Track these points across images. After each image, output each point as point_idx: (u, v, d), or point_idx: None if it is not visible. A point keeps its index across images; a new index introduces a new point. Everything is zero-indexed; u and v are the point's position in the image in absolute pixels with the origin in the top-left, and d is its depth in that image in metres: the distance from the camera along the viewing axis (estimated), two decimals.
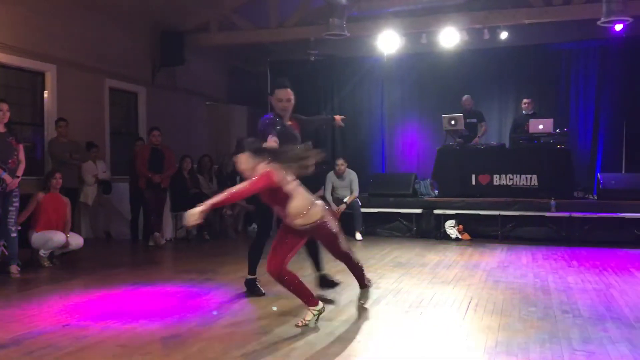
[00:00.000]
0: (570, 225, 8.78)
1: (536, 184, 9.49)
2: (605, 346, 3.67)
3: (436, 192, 10.14)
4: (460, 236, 9.13)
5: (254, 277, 5.21)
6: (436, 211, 9.40)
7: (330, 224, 4.24)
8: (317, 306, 4.17)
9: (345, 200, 9.33)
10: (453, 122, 10.14)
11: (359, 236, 9.26)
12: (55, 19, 9.13)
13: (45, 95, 9.15)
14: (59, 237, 6.90)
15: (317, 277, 5.14)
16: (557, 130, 9.69)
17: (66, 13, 9.35)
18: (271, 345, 3.71)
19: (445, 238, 9.18)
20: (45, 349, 3.65)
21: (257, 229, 5.43)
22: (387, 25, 10.80)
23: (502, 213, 9.08)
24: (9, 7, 8.41)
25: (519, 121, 10.52)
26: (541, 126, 9.67)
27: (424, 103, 12.20)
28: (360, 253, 7.78)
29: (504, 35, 10.57)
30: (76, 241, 7.22)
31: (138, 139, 10.29)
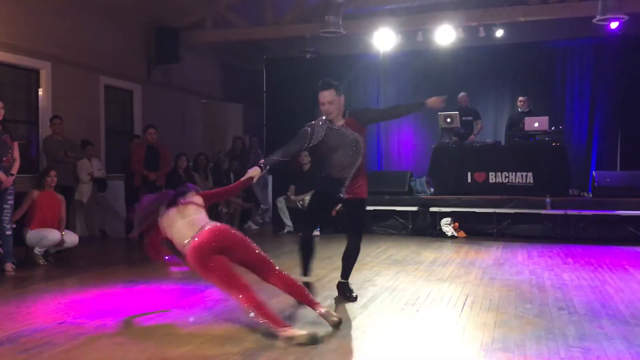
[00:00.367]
0: (565, 222, 8.80)
1: (531, 181, 9.50)
2: (601, 342, 3.69)
3: (432, 189, 10.15)
4: (456, 234, 9.14)
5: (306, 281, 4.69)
6: (432, 209, 9.40)
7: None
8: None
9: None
10: (449, 119, 10.14)
11: None
12: (50, 16, 9.09)
13: (40, 92, 9.11)
14: (53, 235, 6.88)
15: (337, 283, 4.98)
16: (553, 128, 9.71)
17: (61, 10, 9.30)
18: (268, 343, 3.71)
19: (441, 236, 9.19)
20: (41, 346, 3.63)
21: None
22: (383, 23, 10.80)
23: (498, 211, 9.09)
24: (3, 5, 8.36)
25: (514, 119, 10.53)
26: (537, 124, 9.69)
27: (419, 100, 12.15)
28: None
29: (499, 33, 10.57)
30: (71, 239, 7.19)
31: (135, 136, 10.26)
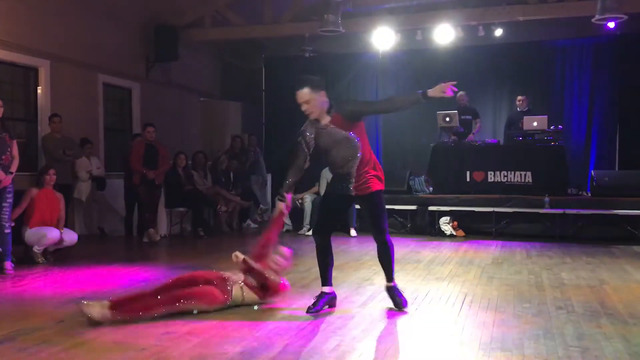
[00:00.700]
0: (564, 221, 8.82)
1: (530, 180, 9.52)
2: (600, 342, 3.69)
3: (431, 188, 10.16)
4: (454, 233, 9.16)
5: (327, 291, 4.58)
6: (431, 208, 9.42)
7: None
8: None
9: None
10: (448, 118, 10.15)
11: (353, 232, 9.28)
12: (48, 14, 9.08)
13: (39, 90, 9.09)
14: (52, 234, 6.87)
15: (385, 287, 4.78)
16: (551, 127, 9.73)
17: (60, 8, 9.29)
18: (266, 341, 3.71)
19: (440, 234, 9.20)
20: (40, 345, 3.63)
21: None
22: (382, 22, 10.79)
23: (497, 210, 9.11)
24: (2, 3, 8.35)
25: (513, 118, 10.55)
26: (535, 123, 9.70)
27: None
28: (354, 250, 7.80)
29: (498, 32, 10.58)
30: (70, 237, 7.19)
31: (135, 135, 10.24)
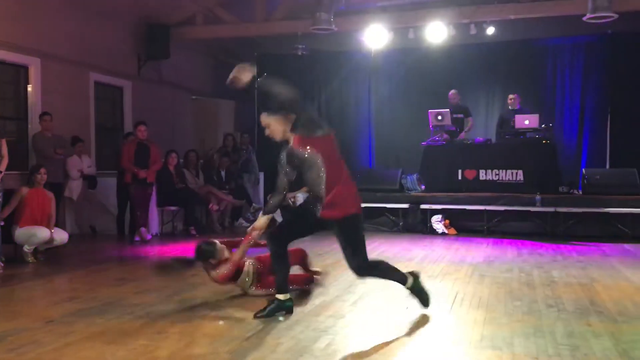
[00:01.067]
0: (555, 220, 8.86)
1: (522, 179, 9.55)
2: (589, 340, 3.71)
3: (423, 187, 10.18)
4: (446, 231, 9.18)
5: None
6: (423, 206, 9.43)
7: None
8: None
9: None
10: (440, 117, 10.17)
11: None
12: (39, 11, 9.02)
13: (29, 88, 9.04)
14: (43, 233, 6.84)
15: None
16: (543, 126, 9.76)
17: (50, 6, 9.24)
18: (257, 341, 3.71)
19: (432, 233, 9.22)
20: (29, 345, 3.61)
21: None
22: (375, 20, 10.79)
23: (488, 208, 9.13)
24: None
25: (505, 116, 10.58)
26: (527, 121, 9.73)
27: (411, 98, 12.21)
28: None
29: (490, 31, 10.60)
30: (61, 236, 7.15)
31: (128, 134, 10.19)
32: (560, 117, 11.47)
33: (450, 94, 10.85)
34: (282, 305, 4.29)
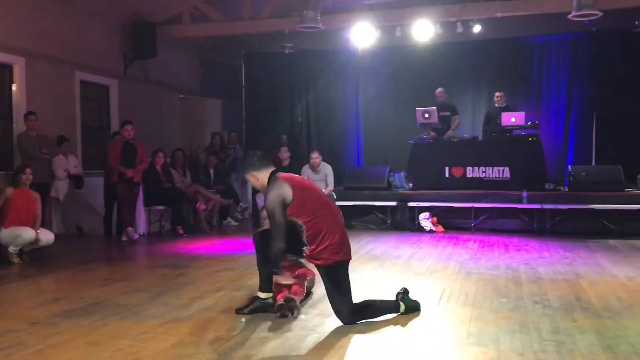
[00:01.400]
0: (541, 216, 8.91)
1: (508, 176, 9.60)
2: (574, 336, 3.74)
3: (410, 184, 10.20)
4: (434, 228, 9.20)
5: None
6: (410, 204, 9.45)
7: None
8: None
9: None
10: (427, 115, 10.19)
11: None
12: (23, 10, 8.93)
13: (14, 88, 8.95)
14: (28, 233, 6.78)
15: None
16: (529, 123, 9.81)
17: (35, 4, 9.15)
18: (244, 339, 3.70)
19: (420, 230, 9.24)
20: (14, 347, 3.58)
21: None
22: (361, 18, 10.79)
23: (475, 205, 9.16)
24: None
25: (491, 114, 10.63)
26: (513, 119, 9.78)
27: (398, 96, 12.25)
28: None
29: (477, 29, 10.64)
30: (46, 237, 7.09)
31: (114, 133, 10.12)
32: (547, 114, 11.55)
33: (437, 92, 10.88)
34: (264, 304, 4.33)
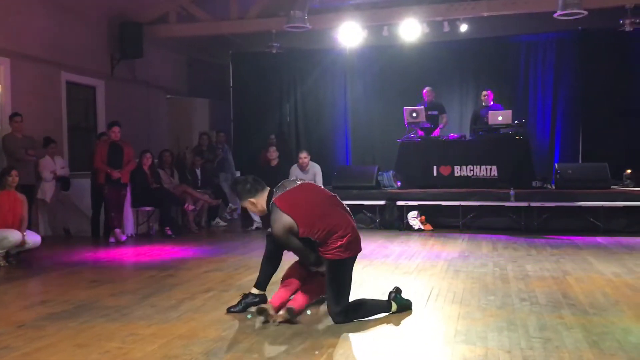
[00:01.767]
0: (529, 214, 8.96)
1: (496, 174, 9.65)
2: (561, 332, 3.77)
3: (399, 183, 10.23)
4: (422, 227, 9.23)
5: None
6: (399, 202, 9.48)
7: None
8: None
9: None
10: (415, 114, 10.22)
11: None
12: (8, 10, 8.85)
13: None
14: (14, 236, 6.73)
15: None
16: (516, 122, 9.86)
17: (20, 4, 9.07)
18: (232, 341, 3.70)
19: (408, 229, 9.26)
20: (0, 350, 3.55)
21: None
22: (349, 18, 10.81)
23: (463, 203, 9.20)
24: None
25: (478, 113, 10.68)
26: (500, 118, 9.82)
27: (386, 95, 12.28)
28: None
29: (464, 28, 10.68)
30: (33, 239, 7.04)
31: (101, 134, 10.06)
32: (533, 112, 11.63)
33: (424, 91, 10.91)
34: (254, 301, 4.34)
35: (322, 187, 4.74)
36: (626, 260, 6.41)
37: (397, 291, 4.39)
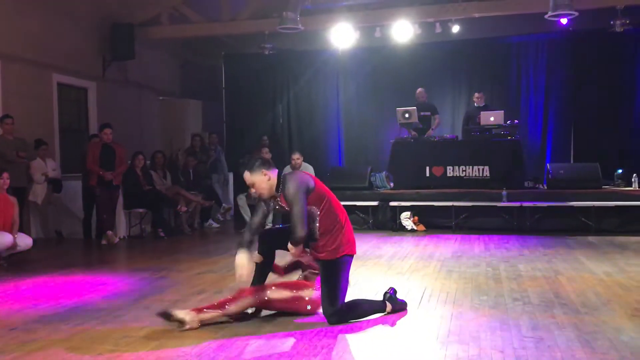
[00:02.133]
0: (521, 214, 8.99)
1: (488, 174, 9.68)
2: (553, 332, 3.78)
3: (391, 184, 10.24)
4: (415, 227, 9.25)
5: None
6: (392, 203, 9.49)
7: None
8: None
9: None
10: (407, 115, 10.24)
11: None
12: None
13: None
14: (5, 239, 6.69)
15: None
16: (508, 122, 9.90)
17: (10, 5, 9.03)
18: (226, 342, 3.68)
19: (401, 229, 9.28)
20: None
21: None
22: (341, 19, 10.83)
23: (456, 204, 9.23)
24: None
25: (470, 113, 10.72)
26: (492, 118, 9.86)
27: (378, 96, 12.30)
28: None
29: (455, 29, 10.72)
30: (25, 242, 7.01)
31: (93, 136, 10.01)
32: (525, 113, 11.68)
33: (417, 91, 10.94)
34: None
35: None
36: (618, 259, 6.44)
37: (392, 291, 4.40)
